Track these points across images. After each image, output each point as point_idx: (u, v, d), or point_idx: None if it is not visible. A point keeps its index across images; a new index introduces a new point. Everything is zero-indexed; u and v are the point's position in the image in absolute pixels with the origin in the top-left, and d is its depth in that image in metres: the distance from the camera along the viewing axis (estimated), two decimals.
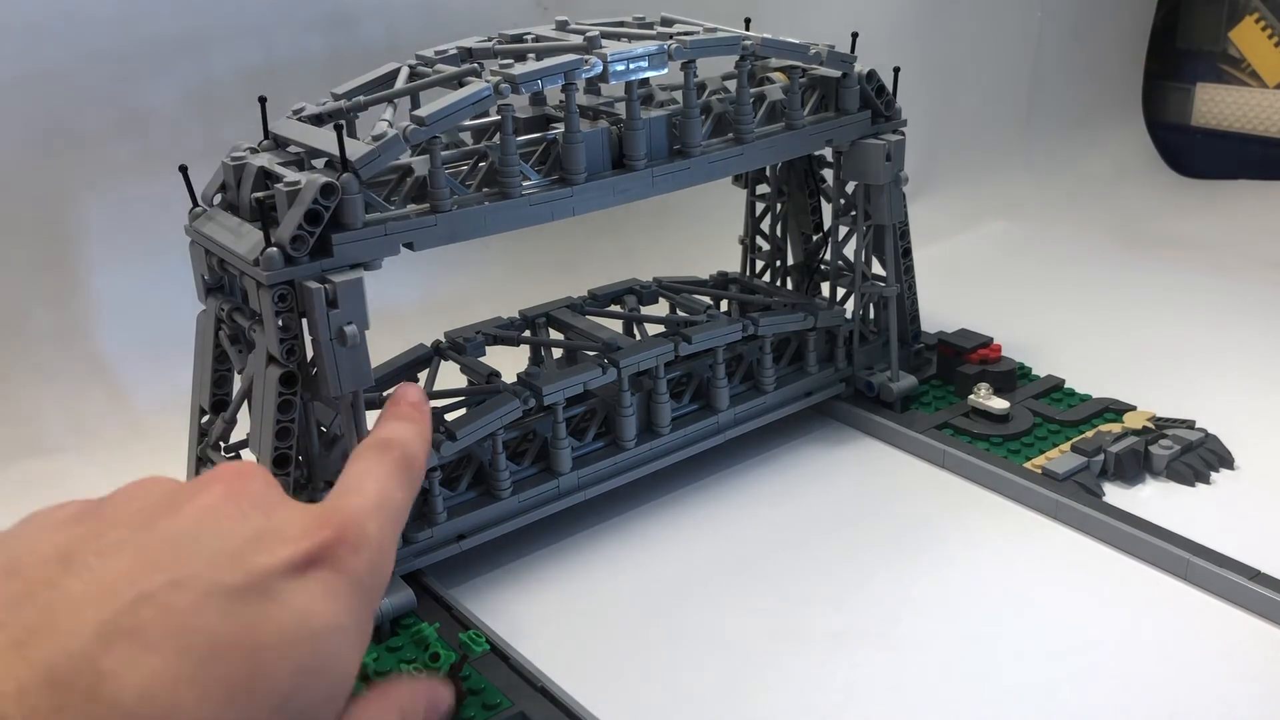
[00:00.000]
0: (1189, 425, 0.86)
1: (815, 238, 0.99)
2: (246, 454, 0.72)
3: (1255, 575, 0.68)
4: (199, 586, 0.29)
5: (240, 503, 0.32)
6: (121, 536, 0.30)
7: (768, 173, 0.98)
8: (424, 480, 0.69)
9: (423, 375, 0.81)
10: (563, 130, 0.71)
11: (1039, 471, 0.81)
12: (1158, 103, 1.71)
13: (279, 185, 0.61)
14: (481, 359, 0.82)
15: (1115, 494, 0.80)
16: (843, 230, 0.91)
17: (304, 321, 0.62)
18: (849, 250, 0.91)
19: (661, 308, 0.93)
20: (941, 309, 1.07)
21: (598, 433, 0.79)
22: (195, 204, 0.68)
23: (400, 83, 0.72)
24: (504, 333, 0.85)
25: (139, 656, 0.27)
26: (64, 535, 0.30)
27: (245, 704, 0.28)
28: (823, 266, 0.97)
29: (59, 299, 0.96)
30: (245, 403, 0.67)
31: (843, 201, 0.91)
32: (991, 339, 0.96)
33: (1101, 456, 0.81)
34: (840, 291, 0.93)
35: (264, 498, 0.33)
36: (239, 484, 0.33)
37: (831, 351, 0.92)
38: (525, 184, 0.69)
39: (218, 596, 0.29)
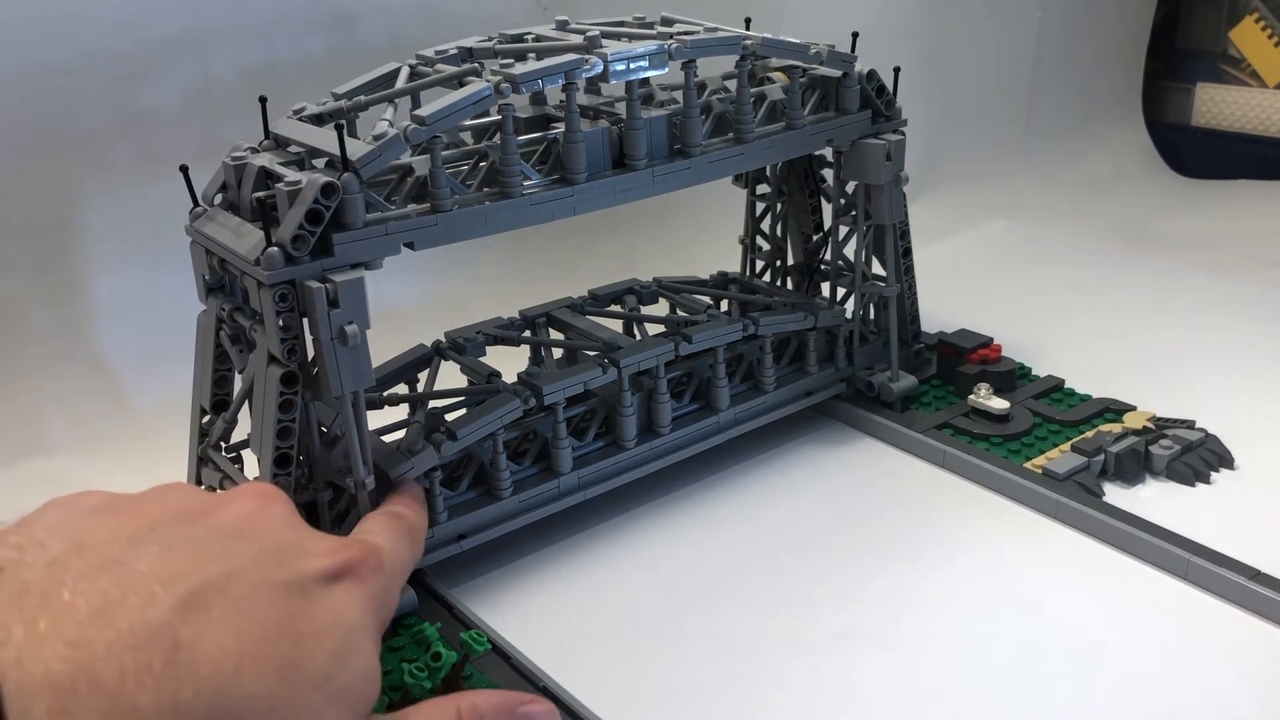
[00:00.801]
0: (1189, 425, 0.86)
1: (815, 238, 0.99)
2: (247, 454, 0.72)
3: (1255, 575, 0.68)
4: (251, 579, 0.33)
5: (271, 517, 0.38)
6: (171, 529, 0.34)
7: (768, 172, 0.98)
8: (425, 481, 0.69)
9: (423, 375, 0.81)
10: (563, 130, 0.71)
11: (1039, 471, 0.81)
12: (1158, 103, 1.72)
13: (280, 185, 0.61)
14: (482, 359, 0.82)
15: (1115, 494, 0.80)
16: (843, 230, 0.92)
17: (305, 321, 0.62)
18: (849, 250, 0.91)
19: (662, 308, 0.93)
20: (941, 309, 1.07)
21: (598, 433, 0.79)
22: (196, 204, 0.68)
23: (401, 83, 0.72)
24: (504, 333, 0.85)
25: (209, 631, 0.31)
26: (114, 521, 0.34)
27: (293, 680, 0.33)
28: (823, 266, 0.97)
29: (59, 299, 0.96)
30: (246, 403, 0.67)
31: (843, 201, 0.91)
32: (991, 339, 0.96)
33: (1101, 456, 0.81)
34: (840, 291, 0.93)
35: (290, 517, 0.38)
36: (268, 502, 0.38)
37: (832, 351, 0.92)
38: (526, 184, 0.69)
39: (267, 589, 0.34)
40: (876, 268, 0.92)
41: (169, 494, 0.37)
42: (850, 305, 0.92)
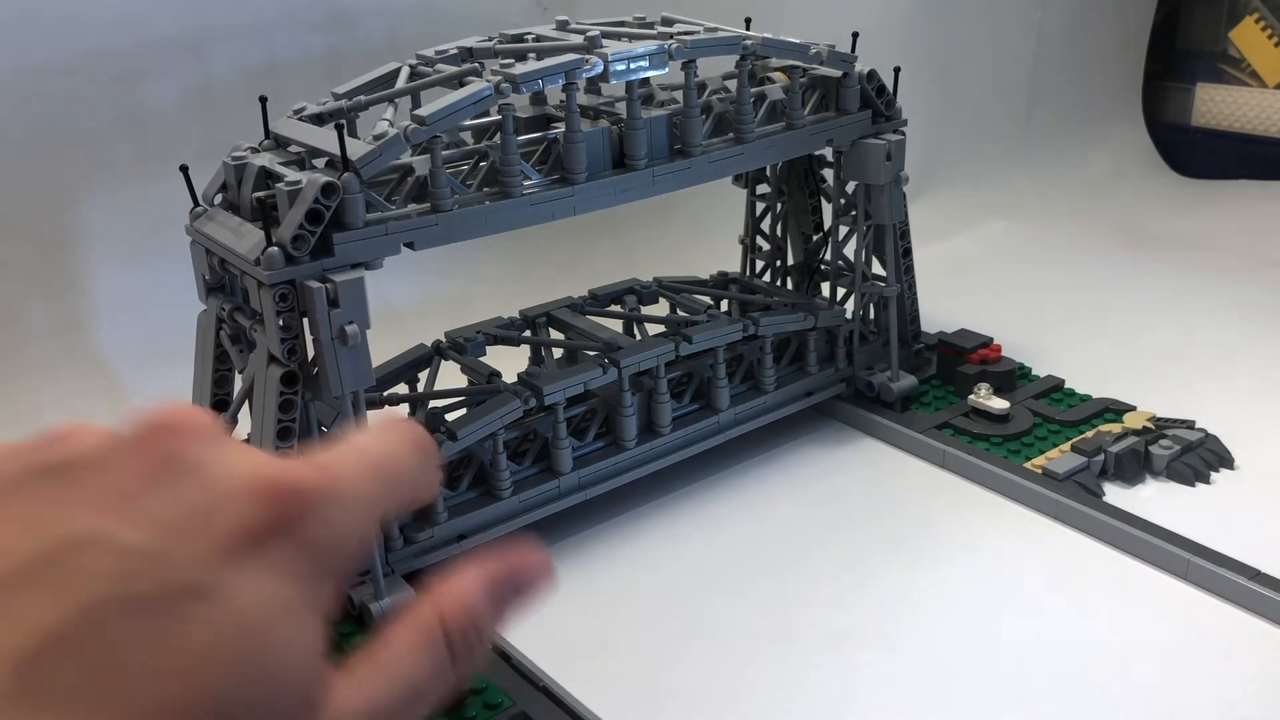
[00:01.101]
0: (1189, 425, 0.86)
1: (815, 238, 0.99)
2: None
3: (1255, 575, 0.68)
4: (110, 611, 0.22)
5: (167, 471, 0.24)
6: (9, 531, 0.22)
7: (768, 172, 0.98)
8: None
9: (423, 375, 0.81)
10: (563, 130, 0.71)
11: (1039, 471, 0.81)
12: (1158, 103, 1.72)
13: (280, 185, 0.61)
14: (482, 359, 0.82)
15: (1115, 494, 0.80)
16: (843, 230, 0.91)
17: (305, 321, 0.62)
18: (849, 250, 0.91)
19: (662, 308, 0.93)
20: (941, 309, 1.07)
21: (598, 432, 0.79)
22: (196, 204, 0.68)
23: (401, 82, 0.72)
24: (504, 333, 0.85)
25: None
26: None
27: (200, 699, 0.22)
28: (823, 266, 0.97)
29: (59, 299, 0.96)
30: (246, 402, 0.67)
31: (843, 201, 0.91)
32: (991, 339, 0.96)
33: (1101, 456, 0.81)
34: (840, 291, 0.93)
35: (197, 456, 0.25)
36: (163, 444, 0.25)
37: (832, 351, 0.92)
38: (526, 183, 0.69)
39: (131, 619, 0.22)
40: (876, 268, 0.92)
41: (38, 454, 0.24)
42: (850, 305, 0.92)
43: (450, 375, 0.82)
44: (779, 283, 1.01)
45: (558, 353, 0.87)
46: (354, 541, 0.27)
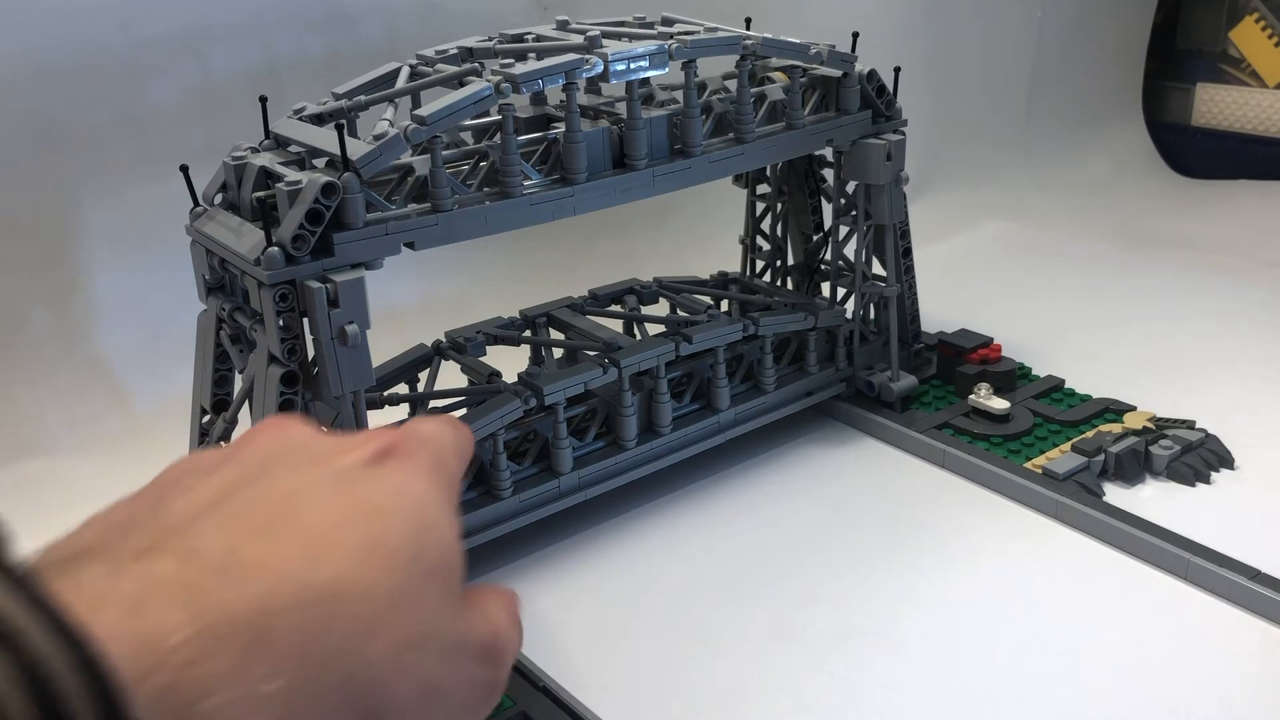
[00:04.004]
0: (1189, 425, 0.86)
1: (815, 238, 0.99)
2: None
3: (1255, 575, 0.68)
4: (303, 480, 0.32)
5: (290, 433, 0.36)
6: (194, 477, 0.33)
7: (768, 172, 0.98)
8: None
9: (423, 375, 0.81)
10: (563, 130, 0.71)
11: (1039, 471, 0.81)
12: (1158, 103, 1.72)
13: (280, 185, 0.61)
14: (482, 359, 0.82)
15: (1115, 494, 0.80)
16: (843, 230, 0.92)
17: (305, 321, 0.62)
18: (849, 250, 0.91)
19: (662, 308, 0.93)
20: (941, 309, 1.07)
21: (598, 432, 0.79)
22: (196, 204, 0.68)
23: (401, 82, 0.72)
24: (504, 332, 0.85)
25: (264, 542, 0.30)
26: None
27: (380, 560, 0.31)
28: (823, 266, 0.97)
29: (59, 299, 0.96)
30: (246, 402, 0.67)
31: (843, 201, 0.91)
32: (991, 339, 0.96)
33: (1102, 456, 0.81)
34: (840, 291, 0.93)
35: (311, 430, 0.37)
36: (284, 425, 0.37)
37: (832, 351, 0.92)
38: (526, 184, 0.69)
39: (314, 489, 0.32)
40: (876, 268, 0.92)
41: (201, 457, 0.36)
42: (850, 305, 0.92)
43: (450, 375, 0.82)
44: (779, 283, 1.01)
45: (558, 353, 0.87)
46: (458, 475, 0.39)
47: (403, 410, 0.78)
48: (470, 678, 0.36)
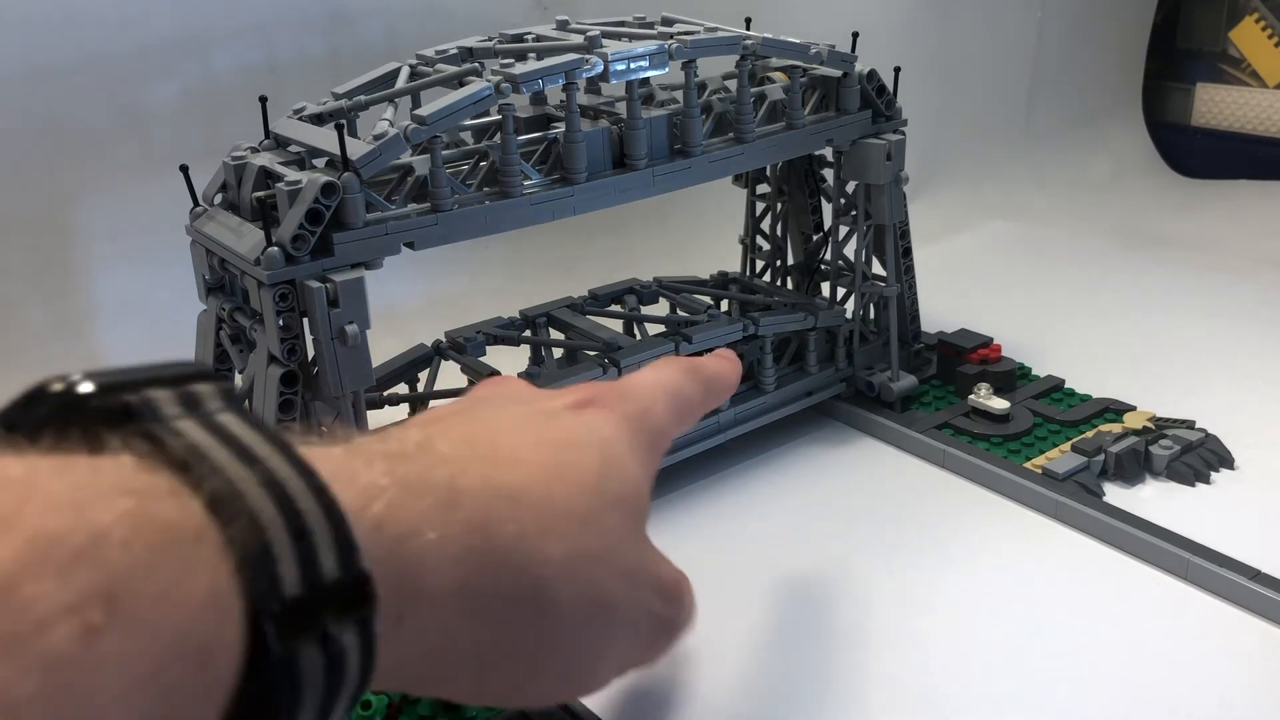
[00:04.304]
0: (1189, 425, 0.86)
1: (815, 238, 0.99)
2: None
3: (1255, 575, 0.68)
4: (507, 414, 0.38)
5: (512, 384, 0.45)
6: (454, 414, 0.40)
7: (768, 172, 0.98)
8: None
9: (423, 375, 0.81)
10: (563, 130, 0.71)
11: (1039, 471, 0.81)
12: (1158, 103, 1.72)
13: (280, 185, 0.61)
14: (482, 359, 0.82)
15: (1115, 494, 0.80)
16: (843, 230, 0.92)
17: (305, 321, 0.62)
18: (849, 250, 0.91)
19: (662, 307, 0.93)
20: (941, 309, 1.07)
21: None
22: (196, 203, 0.68)
23: (401, 82, 0.72)
24: (504, 332, 0.85)
25: (473, 448, 0.36)
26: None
27: (567, 480, 0.36)
28: (823, 266, 0.97)
29: (59, 299, 0.96)
30: (246, 402, 0.67)
31: (843, 201, 0.91)
32: (991, 339, 0.96)
33: (1101, 456, 0.81)
34: (840, 291, 0.93)
35: (527, 384, 0.45)
36: (506, 380, 0.47)
37: (832, 351, 0.92)
38: (526, 183, 0.69)
39: (522, 418, 0.38)
40: (876, 268, 0.92)
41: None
42: (850, 305, 0.92)
43: (450, 375, 0.82)
44: (779, 283, 1.01)
45: (558, 353, 0.87)
46: (664, 420, 0.45)
47: (403, 410, 0.78)
48: (646, 606, 0.41)
